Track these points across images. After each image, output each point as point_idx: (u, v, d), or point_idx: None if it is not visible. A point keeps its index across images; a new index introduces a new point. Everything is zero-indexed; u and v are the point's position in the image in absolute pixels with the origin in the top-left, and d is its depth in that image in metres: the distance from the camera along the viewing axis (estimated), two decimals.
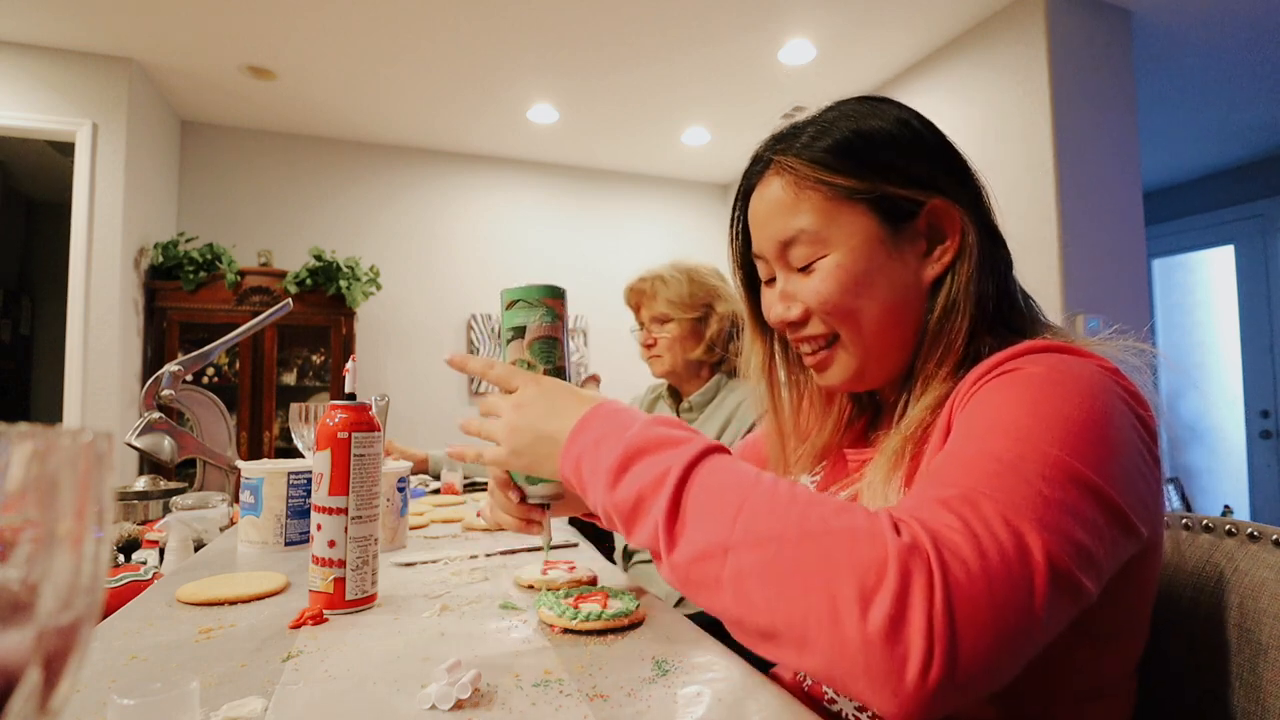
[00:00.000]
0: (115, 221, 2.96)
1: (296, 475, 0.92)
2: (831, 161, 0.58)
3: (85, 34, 2.83)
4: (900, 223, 0.58)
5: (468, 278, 4.13)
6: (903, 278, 0.58)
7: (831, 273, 0.58)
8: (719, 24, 2.79)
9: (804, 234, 0.59)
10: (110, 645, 0.56)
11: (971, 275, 0.57)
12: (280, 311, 1.48)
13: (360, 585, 0.65)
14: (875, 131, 0.59)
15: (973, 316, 0.57)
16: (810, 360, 0.64)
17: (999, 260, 0.60)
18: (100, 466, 0.17)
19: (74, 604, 0.17)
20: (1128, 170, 2.63)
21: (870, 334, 0.59)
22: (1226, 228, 4.32)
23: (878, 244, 0.58)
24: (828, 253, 0.58)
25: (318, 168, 3.88)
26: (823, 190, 0.58)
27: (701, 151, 4.18)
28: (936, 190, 0.58)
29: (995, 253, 0.59)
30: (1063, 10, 2.54)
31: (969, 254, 0.57)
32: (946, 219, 0.58)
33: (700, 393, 1.41)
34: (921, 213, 0.58)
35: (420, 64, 3.09)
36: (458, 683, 0.45)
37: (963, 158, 0.61)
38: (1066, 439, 0.42)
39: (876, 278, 0.58)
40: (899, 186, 0.57)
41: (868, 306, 0.58)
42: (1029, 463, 0.41)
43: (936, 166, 0.59)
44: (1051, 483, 0.40)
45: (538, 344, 0.62)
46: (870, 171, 0.58)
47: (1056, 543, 0.38)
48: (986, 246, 0.58)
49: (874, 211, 0.58)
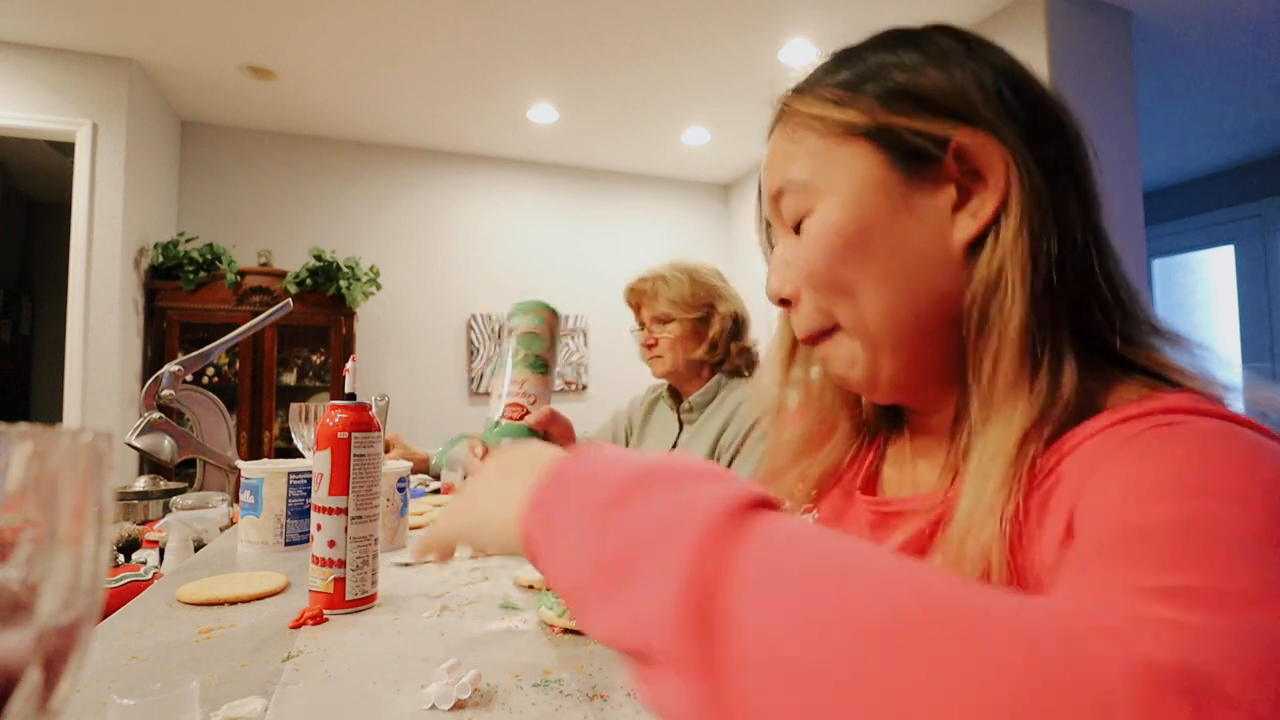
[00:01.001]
0: (115, 221, 2.96)
1: (296, 475, 0.92)
2: (829, 92, 0.45)
3: (85, 34, 2.83)
4: (918, 164, 0.42)
5: (468, 278, 4.14)
6: (918, 238, 0.43)
7: (818, 233, 0.44)
8: (719, 24, 2.79)
9: (792, 183, 0.46)
10: (110, 645, 0.56)
11: (1023, 233, 0.40)
12: (280, 311, 1.48)
13: (360, 585, 0.65)
14: (892, 48, 0.45)
15: (1029, 295, 0.39)
16: (817, 357, 0.51)
17: (1076, 220, 0.42)
18: (100, 466, 0.17)
19: (74, 604, 0.17)
20: (1128, 170, 2.63)
21: (874, 315, 0.44)
22: (1226, 228, 4.33)
23: (878, 192, 0.43)
24: (816, 205, 0.45)
25: (318, 168, 3.88)
26: (817, 128, 0.45)
27: (701, 151, 4.18)
28: (970, 121, 0.41)
29: (1070, 207, 0.42)
30: (1063, 10, 2.54)
31: (1018, 203, 0.40)
32: (984, 158, 0.41)
33: (700, 393, 1.41)
34: (947, 151, 0.41)
35: (420, 64, 3.09)
36: (458, 683, 0.45)
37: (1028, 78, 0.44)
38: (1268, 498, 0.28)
39: (877, 238, 0.43)
40: (910, 115, 0.42)
41: (866, 278, 0.43)
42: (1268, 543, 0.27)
43: (976, 89, 0.42)
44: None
45: (524, 336, 0.70)
46: (874, 98, 0.43)
47: None
48: (1051, 196, 0.41)
49: (879, 149, 0.43)
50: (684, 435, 1.42)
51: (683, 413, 1.44)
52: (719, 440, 1.34)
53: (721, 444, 1.34)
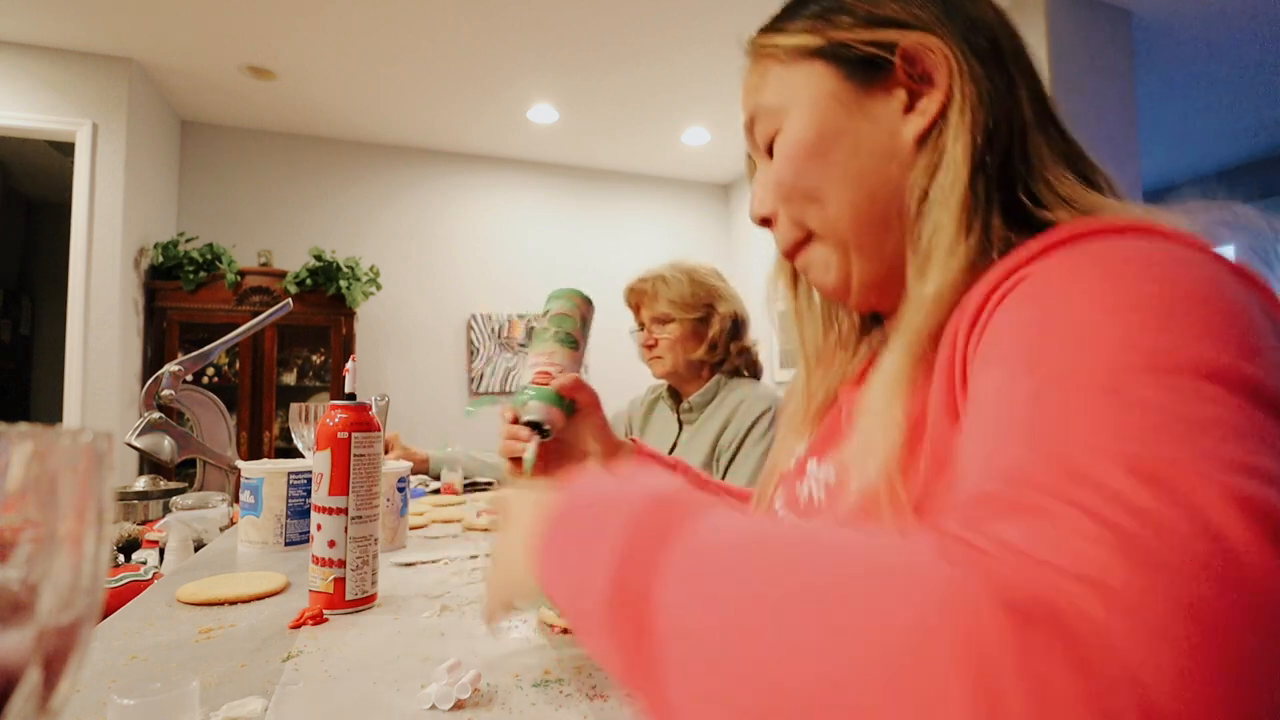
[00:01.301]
0: (115, 221, 2.96)
1: (296, 475, 0.92)
2: (785, 24, 0.50)
3: (85, 34, 2.83)
4: (869, 74, 0.46)
5: (468, 278, 4.14)
6: (874, 139, 0.46)
7: (784, 149, 0.49)
8: (719, 24, 2.79)
9: (760, 108, 0.51)
10: (110, 645, 0.56)
11: (964, 119, 0.43)
12: (280, 311, 1.48)
13: (360, 585, 0.65)
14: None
15: (971, 171, 0.42)
16: (799, 268, 0.54)
17: (1014, 99, 0.45)
18: (100, 466, 0.17)
19: (74, 604, 0.17)
20: (1128, 170, 2.63)
21: (838, 214, 0.47)
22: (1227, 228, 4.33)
23: (833, 102, 0.47)
24: (781, 125, 0.49)
25: (318, 168, 3.89)
26: (778, 56, 0.50)
27: (701, 151, 4.18)
28: (914, 27, 0.45)
29: (1007, 88, 0.45)
30: (1063, 10, 2.54)
31: (962, 93, 0.44)
32: (928, 57, 0.45)
33: (700, 393, 1.41)
34: (895, 56, 0.45)
35: (420, 64, 3.09)
36: (458, 683, 0.45)
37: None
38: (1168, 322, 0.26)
39: (835, 143, 0.47)
40: (858, 28, 0.46)
41: (829, 182, 0.47)
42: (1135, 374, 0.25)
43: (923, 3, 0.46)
44: (1181, 393, 0.24)
45: (556, 316, 0.74)
46: (823, 20, 0.48)
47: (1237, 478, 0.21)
48: (989, 80, 0.44)
49: (833, 65, 0.47)
50: (684, 435, 1.42)
51: (682, 413, 1.44)
52: (719, 440, 1.34)
53: (721, 444, 1.34)
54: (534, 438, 0.68)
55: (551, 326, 0.73)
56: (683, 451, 1.39)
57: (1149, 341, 0.26)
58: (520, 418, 0.69)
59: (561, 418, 0.70)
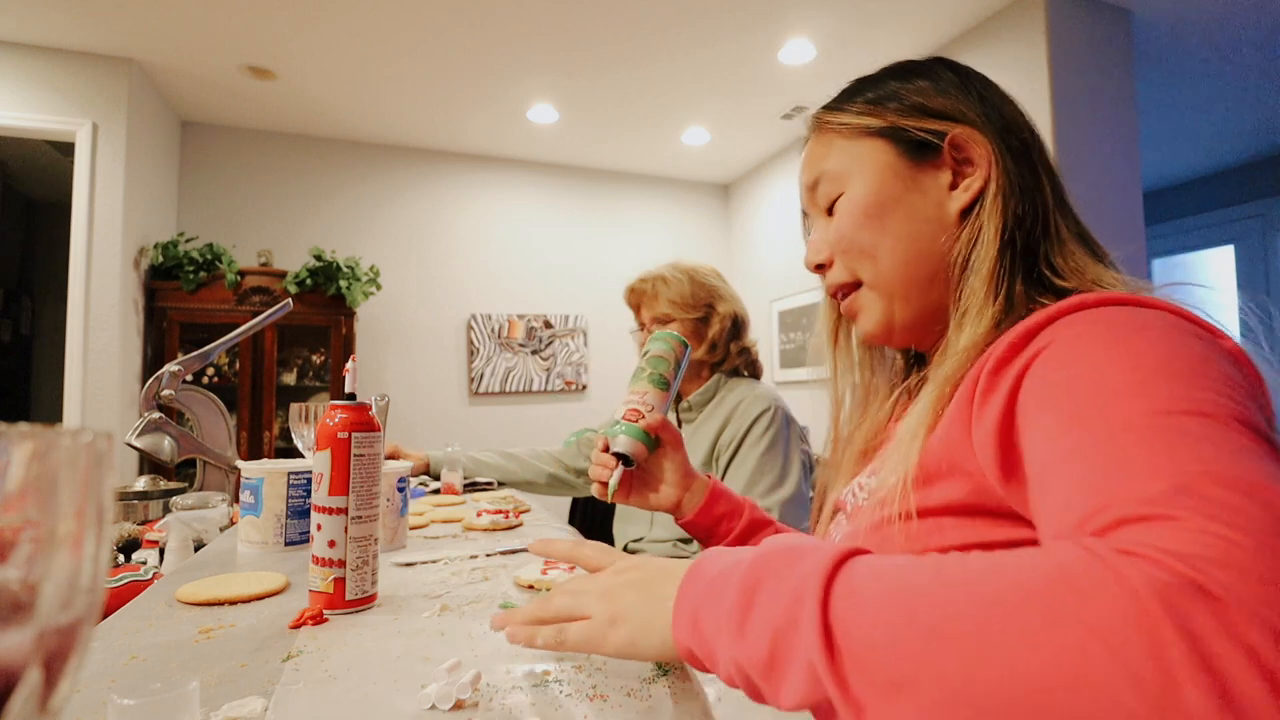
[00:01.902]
0: (115, 221, 2.96)
1: (296, 475, 0.92)
2: (851, 105, 0.61)
3: (85, 34, 2.83)
4: (922, 153, 0.57)
5: (468, 278, 4.14)
6: (924, 209, 0.57)
7: (846, 208, 0.59)
8: (719, 24, 2.79)
9: (825, 173, 0.61)
10: (110, 645, 0.56)
11: (997, 202, 0.54)
12: (280, 311, 1.48)
13: (360, 585, 0.65)
14: (894, 73, 0.61)
15: (1001, 244, 0.53)
16: (844, 309, 0.64)
17: (1038, 189, 0.56)
18: (100, 466, 0.17)
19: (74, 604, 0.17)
20: (1128, 170, 2.63)
21: (889, 269, 0.58)
22: (1226, 228, 4.33)
23: (893, 175, 0.58)
24: (845, 189, 0.60)
25: (318, 168, 3.88)
26: (844, 131, 0.61)
27: (701, 151, 4.18)
28: (961, 121, 0.57)
29: (1033, 181, 0.56)
30: (1063, 10, 2.54)
31: (997, 181, 0.55)
32: (972, 147, 0.56)
33: (700, 392, 1.41)
34: (944, 143, 0.57)
35: (420, 64, 3.09)
36: (458, 683, 0.45)
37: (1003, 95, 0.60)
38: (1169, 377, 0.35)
39: (891, 209, 0.57)
40: (916, 118, 0.57)
41: (883, 240, 0.57)
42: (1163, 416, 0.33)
43: (961, 100, 0.58)
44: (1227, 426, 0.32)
45: (653, 358, 0.83)
46: (886, 109, 0.59)
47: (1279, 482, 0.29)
48: (1019, 173, 0.55)
49: (892, 144, 0.58)
50: (683, 434, 1.42)
51: (681, 412, 1.44)
52: (718, 439, 1.34)
53: (720, 443, 1.34)
54: (619, 466, 0.78)
55: (648, 368, 0.83)
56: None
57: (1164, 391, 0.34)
58: (610, 448, 0.79)
59: (645, 451, 0.79)
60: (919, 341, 0.63)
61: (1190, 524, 0.27)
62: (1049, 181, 0.57)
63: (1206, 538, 0.26)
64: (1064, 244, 0.54)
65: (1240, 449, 0.31)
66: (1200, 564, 0.26)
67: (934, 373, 0.53)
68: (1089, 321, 0.42)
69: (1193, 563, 0.26)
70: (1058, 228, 0.55)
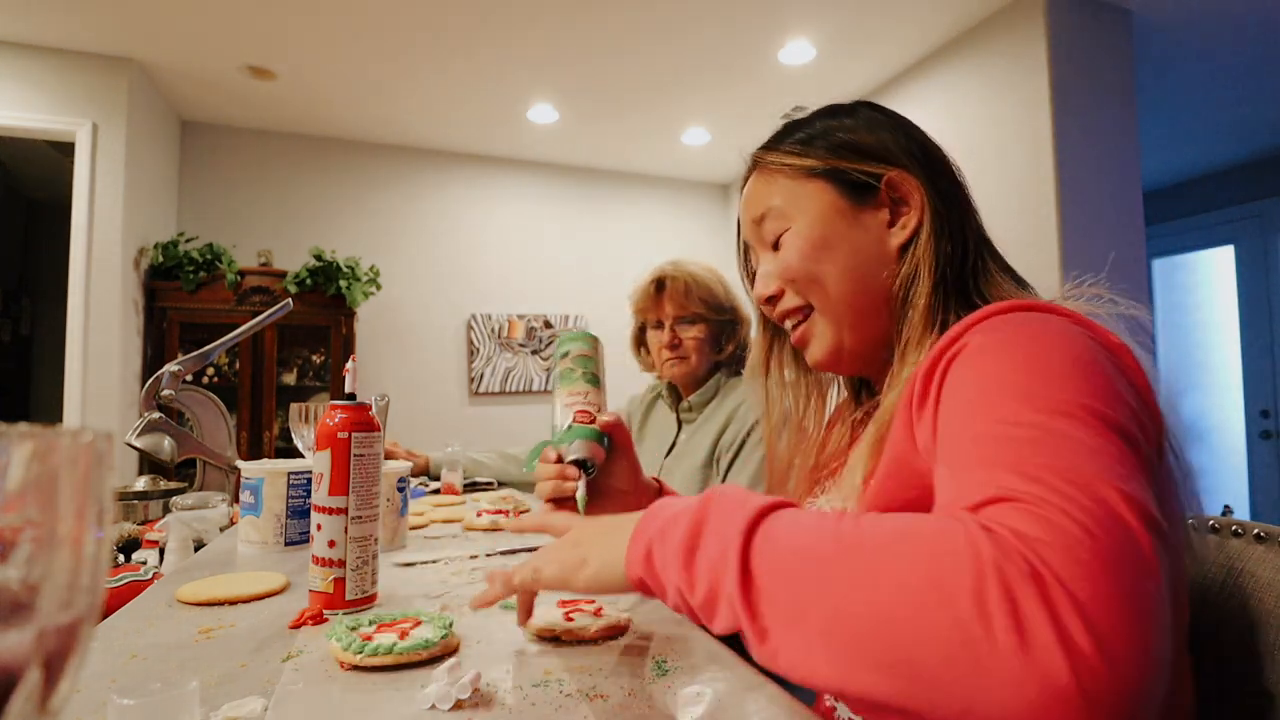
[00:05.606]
0: (115, 221, 2.96)
1: (296, 475, 0.92)
2: (794, 148, 0.65)
3: (85, 34, 2.83)
4: (861, 194, 0.62)
5: (468, 278, 4.13)
6: (866, 245, 0.62)
7: (793, 242, 0.64)
8: (719, 24, 2.78)
9: (771, 210, 0.65)
10: (110, 645, 0.56)
11: (931, 240, 0.59)
12: (280, 311, 1.48)
13: (360, 585, 0.65)
14: (832, 117, 0.66)
15: (934, 281, 0.58)
16: (794, 338, 0.68)
17: (965, 228, 0.62)
18: (100, 466, 0.17)
19: (74, 604, 0.17)
20: (1128, 170, 2.62)
21: (837, 299, 0.63)
22: (1226, 228, 4.32)
23: (836, 214, 0.63)
24: (791, 225, 0.64)
25: (318, 168, 3.88)
26: (786, 171, 0.65)
27: (701, 151, 4.18)
28: (894, 164, 0.62)
29: (960, 221, 0.62)
30: (1063, 10, 2.54)
31: (929, 220, 0.60)
32: (906, 188, 0.62)
33: (700, 393, 1.40)
34: (881, 184, 0.62)
35: (420, 64, 3.09)
36: (458, 683, 0.45)
37: (925, 137, 0.66)
38: (1060, 380, 0.41)
39: (837, 244, 0.62)
40: (854, 161, 0.62)
41: (830, 271, 0.62)
42: (1048, 415, 0.39)
43: (895, 144, 0.63)
44: (1079, 428, 0.38)
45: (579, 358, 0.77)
46: (827, 151, 0.64)
47: (1125, 486, 0.35)
48: (948, 214, 0.61)
49: (833, 185, 0.63)
50: (683, 434, 1.41)
51: (681, 412, 1.43)
52: (719, 440, 1.33)
53: (722, 444, 1.32)
54: (581, 476, 0.68)
55: (578, 367, 0.77)
56: (682, 451, 1.38)
57: (1052, 393, 0.41)
58: (565, 457, 0.69)
59: (603, 455, 0.71)
60: (866, 369, 0.68)
61: (1037, 510, 0.34)
62: (974, 220, 0.63)
63: (1043, 523, 0.33)
64: (991, 275, 0.61)
65: (1094, 449, 0.37)
66: (1033, 543, 0.33)
67: (884, 401, 0.58)
68: (993, 328, 0.48)
69: (1028, 541, 0.33)
70: (985, 261, 0.61)
